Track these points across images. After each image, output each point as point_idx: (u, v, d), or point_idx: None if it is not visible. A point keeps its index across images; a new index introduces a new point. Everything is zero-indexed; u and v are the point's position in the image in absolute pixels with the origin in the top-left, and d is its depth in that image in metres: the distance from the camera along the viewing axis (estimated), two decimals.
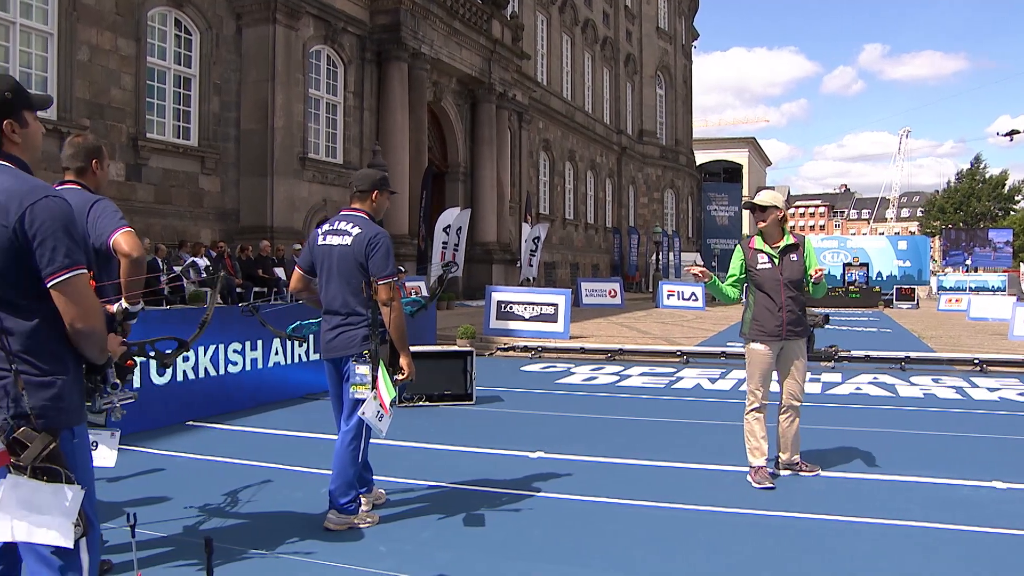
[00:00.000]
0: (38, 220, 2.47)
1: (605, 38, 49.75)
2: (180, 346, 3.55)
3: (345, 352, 4.78)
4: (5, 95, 2.61)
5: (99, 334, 2.60)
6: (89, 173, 3.99)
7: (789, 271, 5.92)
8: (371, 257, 4.73)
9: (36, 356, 2.52)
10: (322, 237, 4.96)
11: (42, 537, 2.44)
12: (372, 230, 4.83)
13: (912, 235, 70.87)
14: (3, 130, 2.61)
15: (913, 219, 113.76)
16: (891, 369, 12.78)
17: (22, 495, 2.41)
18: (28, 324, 2.51)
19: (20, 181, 2.54)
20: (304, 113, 22.83)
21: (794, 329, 5.92)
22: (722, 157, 75.43)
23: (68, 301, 2.50)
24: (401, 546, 4.49)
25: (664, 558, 4.39)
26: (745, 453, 6.00)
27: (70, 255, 2.50)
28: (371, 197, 5.01)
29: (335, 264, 4.84)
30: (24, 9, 16.18)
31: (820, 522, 5.05)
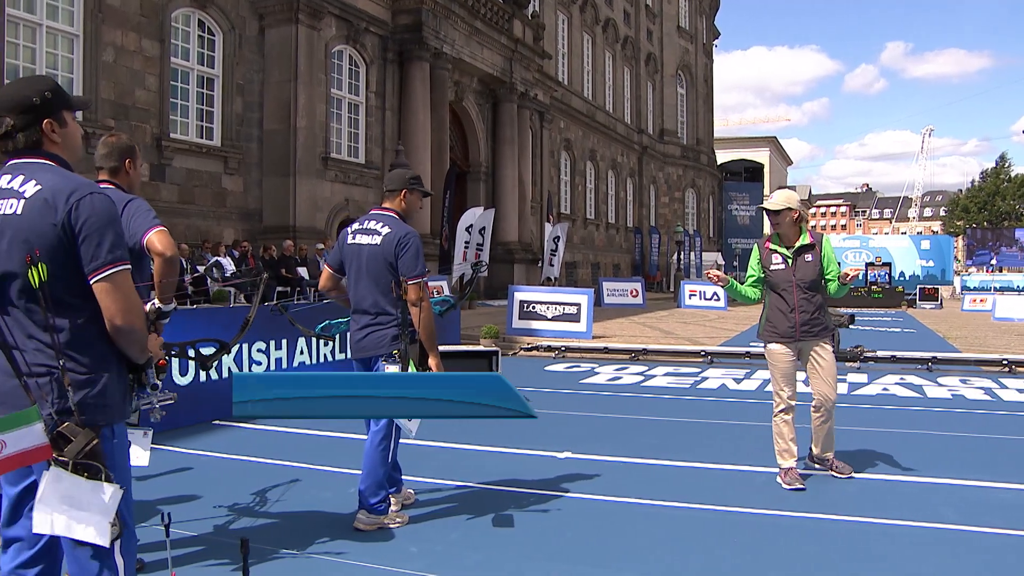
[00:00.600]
0: (83, 216, 2.49)
1: (626, 37, 49.65)
2: (221, 347, 3.54)
3: (375, 352, 4.77)
4: (45, 95, 2.64)
5: (139, 332, 2.61)
6: (122, 173, 4.00)
7: (803, 272, 5.80)
8: (400, 257, 4.72)
9: (81, 353, 2.54)
10: (351, 236, 4.95)
11: (80, 533, 2.45)
12: (402, 230, 4.82)
13: (935, 234, 70.30)
14: (43, 129, 2.63)
15: (936, 218, 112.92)
16: (918, 370, 12.64)
17: (63, 489, 2.42)
18: (75, 321, 2.53)
19: (65, 178, 2.57)
20: (326, 113, 22.90)
21: (810, 330, 5.81)
22: (743, 156, 75.16)
23: (110, 297, 2.52)
24: (431, 547, 4.47)
25: (696, 560, 4.35)
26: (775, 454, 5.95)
27: (114, 251, 2.52)
28: (401, 196, 4.99)
29: (364, 263, 4.83)
30: (50, 11, 16.31)
31: (853, 524, 4.99)
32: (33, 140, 2.62)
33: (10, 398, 2.53)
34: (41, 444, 2.43)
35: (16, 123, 2.60)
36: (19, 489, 2.66)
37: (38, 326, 2.52)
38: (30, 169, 2.59)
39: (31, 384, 2.48)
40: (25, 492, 2.66)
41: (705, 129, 62.25)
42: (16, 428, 2.41)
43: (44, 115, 2.63)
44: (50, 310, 2.47)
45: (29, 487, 2.64)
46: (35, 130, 2.62)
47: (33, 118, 2.61)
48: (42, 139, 2.63)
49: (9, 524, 2.70)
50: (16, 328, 2.54)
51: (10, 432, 2.41)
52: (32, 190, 2.53)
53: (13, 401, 2.52)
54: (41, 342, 2.52)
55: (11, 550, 2.69)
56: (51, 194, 2.51)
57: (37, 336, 2.53)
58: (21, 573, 2.67)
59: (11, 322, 2.54)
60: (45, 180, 2.54)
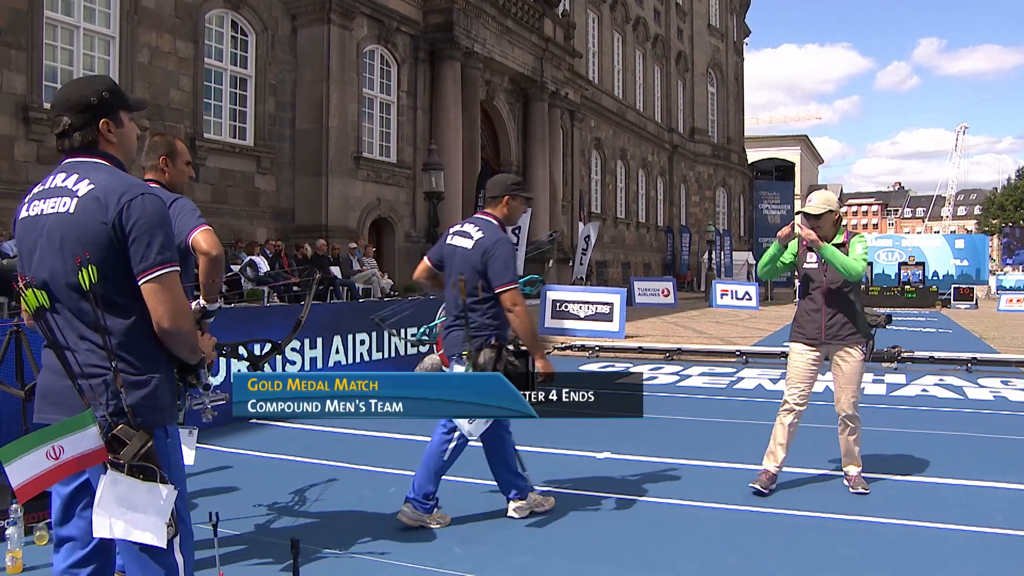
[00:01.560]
0: (134, 216, 2.49)
1: (656, 36, 49.43)
2: (273, 347, 3.53)
3: (452, 351, 4.82)
4: (102, 94, 2.64)
5: (187, 334, 2.59)
6: (158, 170, 4.01)
7: (834, 272, 5.56)
8: (489, 265, 4.73)
9: (132, 354, 2.53)
10: (450, 236, 5.04)
11: (138, 536, 2.45)
12: (492, 237, 4.81)
13: (969, 233, 69.42)
14: (99, 129, 2.63)
15: (970, 217, 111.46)
16: (957, 371, 12.47)
17: (120, 492, 2.42)
18: (125, 322, 2.52)
19: (117, 178, 2.57)
20: (358, 112, 22.94)
21: (837, 333, 5.58)
22: (774, 155, 74.58)
23: (158, 299, 2.50)
24: (475, 548, 4.46)
25: (736, 561, 4.30)
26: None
27: (163, 252, 2.51)
28: (503, 202, 5.02)
29: (456, 264, 4.88)
30: (87, 13, 16.45)
31: (901, 528, 4.92)
32: (89, 139, 2.63)
33: (62, 398, 2.53)
34: (97, 447, 2.44)
35: (73, 122, 2.60)
36: (71, 489, 2.66)
37: (89, 326, 2.51)
38: (84, 168, 2.59)
39: (84, 386, 2.47)
40: (76, 492, 2.66)
41: (736, 128, 61.84)
42: (73, 432, 2.42)
43: (101, 114, 2.63)
44: (101, 310, 2.46)
45: (80, 487, 2.64)
46: (92, 129, 2.63)
47: (90, 117, 2.62)
48: (98, 138, 2.64)
49: (62, 523, 2.70)
50: (67, 328, 2.53)
51: (67, 437, 2.42)
52: (85, 189, 2.53)
53: (65, 401, 2.52)
54: (92, 343, 2.51)
55: (64, 549, 2.69)
56: (103, 193, 2.50)
57: (89, 337, 2.52)
58: (74, 572, 2.67)
59: (62, 322, 2.54)
60: (98, 179, 2.54)
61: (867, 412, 8.83)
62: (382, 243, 24.41)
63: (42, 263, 2.55)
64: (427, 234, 24.40)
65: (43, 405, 2.61)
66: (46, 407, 2.59)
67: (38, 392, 2.64)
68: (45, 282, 2.54)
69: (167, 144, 4.03)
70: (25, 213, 2.64)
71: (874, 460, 6.45)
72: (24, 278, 2.57)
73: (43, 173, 11.48)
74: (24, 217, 2.64)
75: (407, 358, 10.60)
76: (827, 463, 6.29)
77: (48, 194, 2.59)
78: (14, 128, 14.82)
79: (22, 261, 2.64)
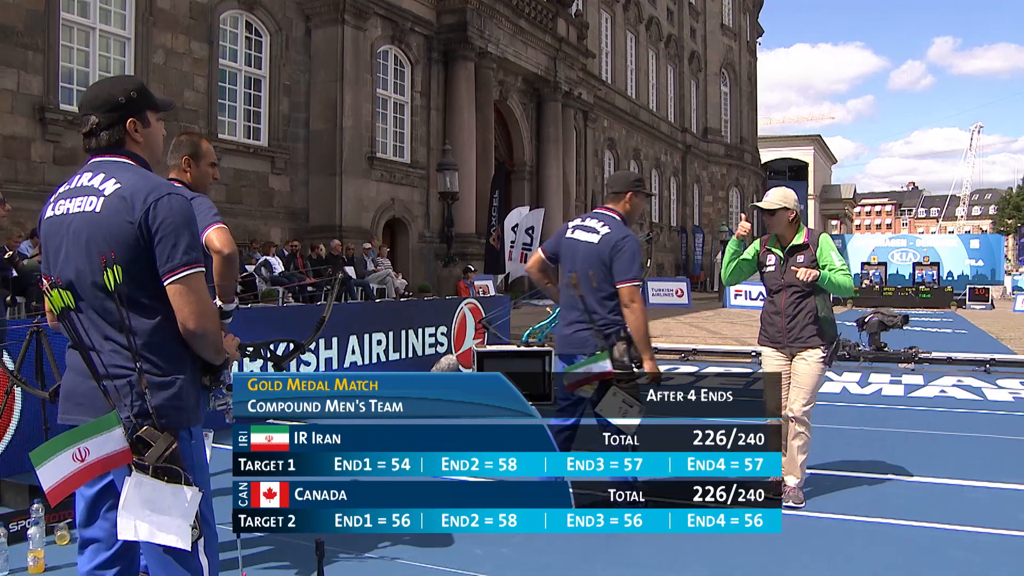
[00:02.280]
0: (160, 216, 2.47)
1: (669, 35, 49.31)
2: (296, 348, 3.50)
3: (579, 350, 4.74)
4: (131, 94, 2.64)
5: (213, 335, 2.58)
6: (180, 170, 3.99)
7: (792, 274, 5.40)
8: (615, 259, 4.70)
9: (157, 355, 2.52)
10: (571, 231, 5.00)
11: (163, 538, 2.43)
12: (620, 232, 4.80)
13: (984, 233, 69.02)
14: (127, 128, 2.62)
15: (985, 217, 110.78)
16: (975, 372, 12.37)
17: (145, 494, 2.41)
18: (150, 323, 2.51)
19: (143, 178, 2.56)
20: (372, 113, 22.96)
21: (799, 335, 5.39)
22: (787, 155, 74.36)
23: (183, 300, 2.49)
24: (496, 549, 4.43)
25: (761, 564, 4.26)
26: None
27: (189, 253, 2.50)
28: (626, 198, 4.98)
29: (579, 260, 4.83)
30: (103, 15, 16.50)
31: (925, 531, 4.88)
32: (116, 139, 2.62)
33: (87, 399, 2.52)
34: (122, 449, 2.43)
35: (101, 121, 2.60)
36: (95, 490, 2.65)
37: (114, 327, 2.50)
38: (111, 167, 2.58)
39: (108, 387, 2.46)
40: (101, 493, 2.65)
41: (749, 128, 61.63)
42: (98, 434, 2.41)
43: (129, 114, 2.63)
44: (126, 310, 2.46)
45: (104, 488, 2.63)
46: (119, 129, 2.62)
47: (118, 117, 2.61)
48: (125, 138, 2.63)
49: (86, 525, 2.69)
50: (92, 328, 2.52)
51: (92, 438, 2.41)
52: (111, 188, 2.52)
53: (90, 403, 2.51)
54: (117, 343, 2.50)
55: (88, 551, 2.68)
56: (129, 192, 2.49)
57: (113, 337, 2.51)
58: (99, 574, 2.66)
59: (87, 322, 2.52)
60: (125, 179, 2.53)
61: (887, 413, 8.87)
62: (396, 243, 24.42)
63: (68, 262, 2.54)
64: (441, 234, 24.41)
65: (68, 406, 2.60)
66: (71, 408, 2.58)
67: (62, 393, 2.63)
68: (71, 282, 2.53)
69: (192, 144, 4.00)
70: (51, 212, 2.63)
71: (896, 462, 6.42)
72: (49, 278, 2.56)
73: (60, 174, 11.61)
74: (50, 216, 2.63)
75: (424, 358, 10.59)
76: (845, 464, 6.24)
77: (74, 193, 2.58)
78: (31, 129, 14.89)
79: (47, 260, 2.63)
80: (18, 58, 14.68)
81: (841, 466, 6.24)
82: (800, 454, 5.39)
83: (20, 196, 13.59)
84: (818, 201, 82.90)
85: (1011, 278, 49.48)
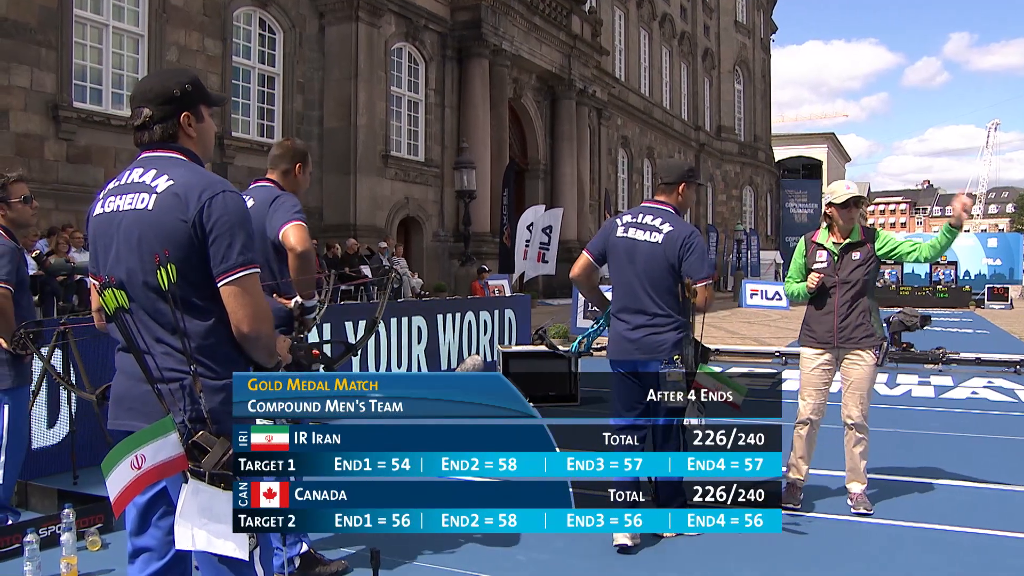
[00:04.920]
0: (215, 214, 2.38)
1: (683, 33, 49.11)
2: (347, 349, 3.41)
3: (652, 356, 4.50)
4: (185, 87, 2.55)
5: (267, 339, 2.48)
6: (291, 176, 4.06)
7: (848, 271, 5.21)
8: (686, 258, 4.49)
9: (211, 358, 2.42)
10: (622, 229, 4.71)
11: (220, 547, 2.34)
12: (685, 228, 4.60)
13: (1002, 232, 68.61)
14: (180, 122, 2.54)
15: (1002, 215, 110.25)
16: (1005, 373, 12.14)
17: (202, 502, 2.32)
18: (204, 324, 2.42)
19: (198, 175, 2.46)
20: (386, 111, 22.88)
21: (851, 336, 5.17)
22: (800, 153, 74.06)
23: (238, 302, 2.39)
24: (537, 555, 4.33)
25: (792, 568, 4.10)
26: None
27: (244, 253, 2.40)
28: (678, 190, 4.77)
29: (640, 261, 4.58)
30: (116, 12, 16.43)
31: (985, 538, 4.72)
32: (170, 133, 2.53)
33: (139, 404, 2.43)
34: (177, 455, 2.34)
35: (154, 114, 2.51)
36: (147, 498, 2.54)
37: (166, 329, 2.40)
38: (163, 163, 2.48)
39: (163, 390, 2.36)
40: (153, 500, 2.55)
41: (763, 126, 61.42)
42: (153, 440, 2.34)
43: (183, 108, 2.54)
44: (180, 312, 2.35)
45: (156, 495, 2.53)
46: (173, 123, 2.53)
47: (172, 110, 2.53)
48: (178, 132, 2.55)
49: (138, 533, 2.59)
50: (143, 330, 2.42)
51: (148, 445, 2.34)
52: (164, 185, 2.42)
53: (142, 407, 2.42)
54: (169, 345, 2.41)
55: (139, 560, 2.60)
56: (183, 189, 2.39)
57: (165, 339, 2.41)
58: None
59: (137, 324, 2.42)
60: (177, 175, 2.43)
61: (918, 415, 8.70)
62: (410, 242, 24.32)
63: (118, 262, 2.44)
64: (455, 233, 24.28)
65: (118, 411, 2.51)
66: (122, 413, 2.49)
67: (112, 397, 2.54)
68: (121, 282, 2.42)
69: (303, 152, 4.16)
70: (100, 210, 2.53)
71: (939, 465, 6.26)
72: (102, 278, 2.44)
73: (73, 172, 11.39)
74: (99, 214, 2.53)
75: None
76: (888, 468, 6.06)
77: (125, 190, 2.48)
78: (44, 127, 14.79)
79: (95, 259, 2.54)
80: (31, 55, 14.58)
81: (885, 470, 6.06)
82: (862, 460, 5.25)
83: (34, 194, 13.45)
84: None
85: None
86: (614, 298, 4.73)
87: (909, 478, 5.95)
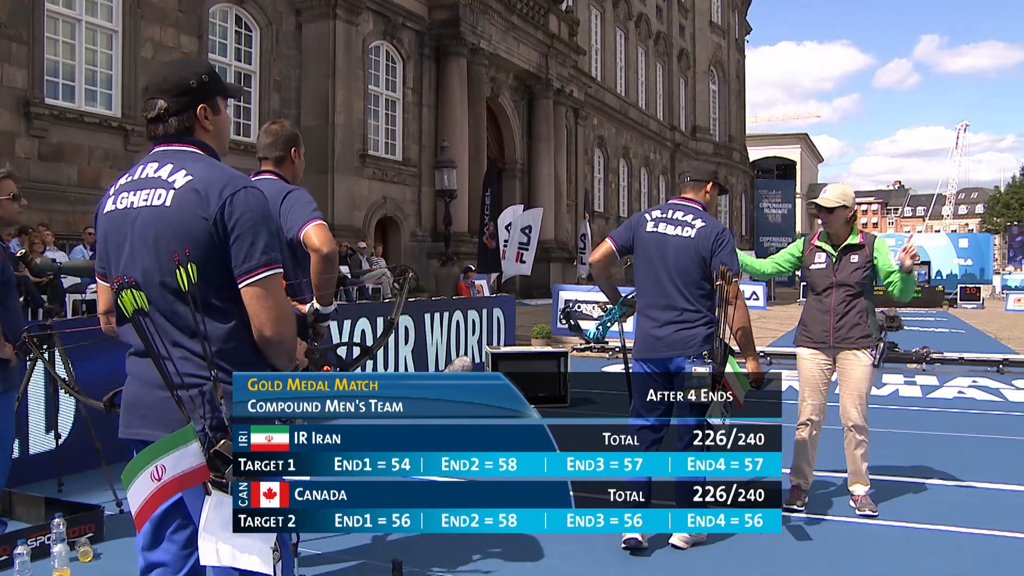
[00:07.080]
0: (238, 212, 2.24)
1: (659, 33, 49.20)
2: (364, 351, 3.27)
3: (681, 352, 4.41)
4: (202, 78, 2.41)
5: (289, 342, 2.35)
6: (287, 162, 3.82)
7: (845, 272, 5.21)
8: (717, 253, 4.43)
9: (230, 363, 2.27)
10: (652, 223, 4.65)
11: (245, 562, 2.21)
12: (717, 225, 4.56)
13: (972, 232, 69.33)
14: (197, 115, 2.40)
15: (972, 216, 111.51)
16: (988, 372, 12.21)
17: (226, 515, 2.18)
18: (224, 327, 2.28)
19: (217, 170, 2.31)
20: (364, 110, 22.68)
21: (847, 336, 5.16)
22: (775, 153, 74.42)
23: (261, 304, 2.25)
24: (548, 561, 4.26)
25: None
26: None
27: (268, 252, 2.27)
28: (706, 188, 4.74)
29: (671, 255, 4.52)
30: (90, 7, 16.13)
31: (991, 539, 4.70)
32: (186, 126, 2.40)
33: (156, 411, 2.29)
34: (199, 465, 2.21)
35: (170, 106, 2.37)
36: (161, 510, 2.39)
37: (184, 332, 2.26)
38: (179, 158, 2.34)
39: (183, 397, 2.22)
40: (167, 513, 2.41)
41: (737, 126, 61.71)
42: (174, 450, 2.20)
43: (200, 99, 2.41)
44: (201, 314, 2.19)
45: (171, 508, 2.39)
46: (189, 115, 2.40)
47: (188, 102, 2.39)
48: (195, 125, 2.41)
49: (151, 548, 2.46)
50: (160, 334, 2.27)
51: (169, 455, 2.20)
52: (182, 180, 2.27)
53: (158, 415, 2.28)
54: (188, 350, 2.26)
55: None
56: (203, 185, 2.25)
57: (183, 343, 2.26)
58: None
59: (153, 327, 2.26)
60: (196, 170, 2.29)
61: (909, 415, 8.66)
62: (387, 242, 24.14)
63: (133, 262, 2.29)
64: (433, 233, 24.13)
65: (131, 419, 2.36)
66: (135, 421, 2.35)
67: (124, 404, 2.39)
68: (136, 283, 2.26)
69: (295, 135, 3.89)
70: (111, 206, 2.38)
71: (935, 465, 6.27)
72: (119, 278, 2.28)
73: (46, 170, 11.08)
74: (110, 211, 2.38)
75: None
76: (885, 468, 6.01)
77: (140, 185, 2.34)
78: (15, 124, 14.48)
79: (107, 259, 2.40)
80: (1, 50, 14.27)
81: (882, 471, 6.02)
82: (863, 461, 5.22)
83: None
84: (805, 200, 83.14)
85: (1000, 277, 49.76)
86: (640, 295, 4.68)
87: (909, 478, 5.94)
